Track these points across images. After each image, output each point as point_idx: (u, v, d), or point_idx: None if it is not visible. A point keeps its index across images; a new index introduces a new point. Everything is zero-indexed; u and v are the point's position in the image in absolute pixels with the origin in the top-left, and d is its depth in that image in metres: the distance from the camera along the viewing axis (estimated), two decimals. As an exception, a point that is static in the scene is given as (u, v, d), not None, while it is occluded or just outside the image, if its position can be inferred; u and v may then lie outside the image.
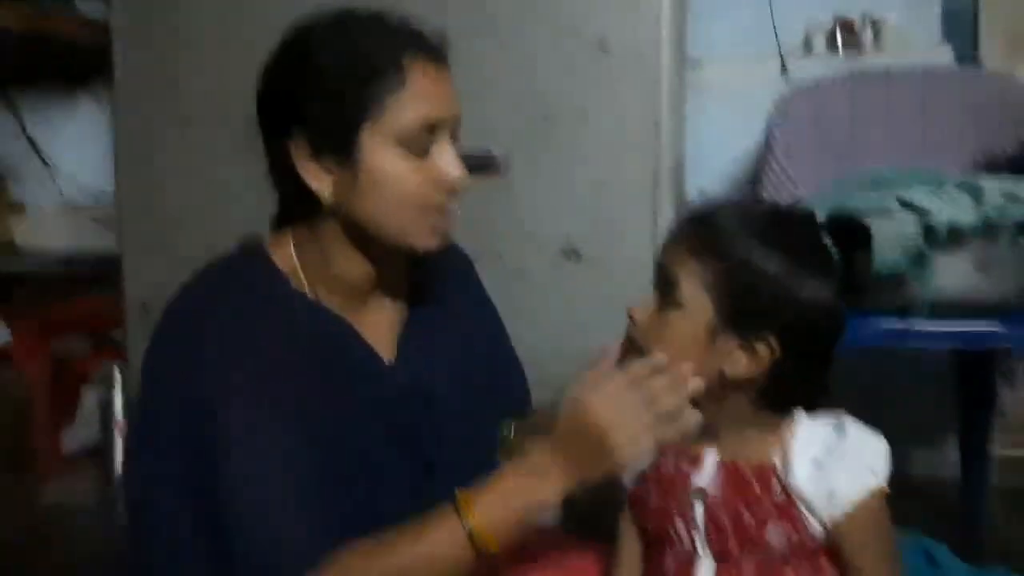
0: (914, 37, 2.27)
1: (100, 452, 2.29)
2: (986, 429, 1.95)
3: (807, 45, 2.34)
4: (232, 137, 1.78)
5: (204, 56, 1.80)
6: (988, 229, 1.30)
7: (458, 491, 0.87)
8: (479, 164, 1.65)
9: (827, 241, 0.92)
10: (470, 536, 0.85)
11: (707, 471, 0.92)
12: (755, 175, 1.99)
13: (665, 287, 0.91)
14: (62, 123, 2.68)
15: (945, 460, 2.19)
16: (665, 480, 0.95)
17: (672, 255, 0.91)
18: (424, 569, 0.86)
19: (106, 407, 2.22)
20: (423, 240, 0.95)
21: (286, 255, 0.97)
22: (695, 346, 0.88)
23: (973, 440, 1.98)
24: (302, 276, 0.97)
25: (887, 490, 0.88)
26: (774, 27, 2.30)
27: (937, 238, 1.30)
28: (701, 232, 0.90)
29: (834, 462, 0.88)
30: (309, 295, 0.97)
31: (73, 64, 2.51)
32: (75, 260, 2.51)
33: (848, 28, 2.27)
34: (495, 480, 0.88)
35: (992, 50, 2.27)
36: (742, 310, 0.87)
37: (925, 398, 2.22)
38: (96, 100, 2.69)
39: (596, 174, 1.63)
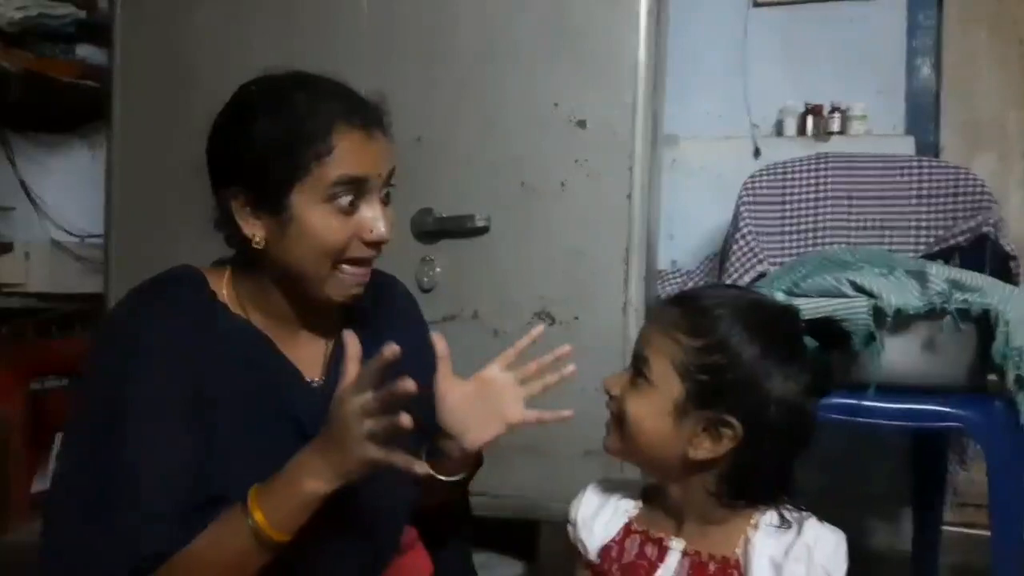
0: (879, 125, 2.40)
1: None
2: (938, 505, 2.01)
3: (779, 128, 2.47)
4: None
5: (201, 105, 1.85)
6: (933, 313, 1.39)
7: (251, 489, 0.94)
8: (462, 227, 1.74)
9: (806, 342, 0.94)
10: (254, 531, 0.92)
11: (671, 563, 0.94)
12: (723, 249, 2.08)
13: (638, 363, 0.95)
14: (54, 164, 2.74)
15: (902, 533, 2.24)
16: (629, 568, 0.97)
17: (648, 333, 0.96)
18: (218, 565, 0.94)
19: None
20: (336, 292, 1.05)
21: (220, 281, 1.08)
22: (662, 423, 0.92)
23: (925, 515, 2.04)
24: (232, 298, 1.07)
25: None
26: (748, 110, 2.43)
27: (884, 320, 1.38)
28: (681, 311, 0.94)
29: (791, 564, 0.89)
30: (236, 313, 1.07)
31: (68, 107, 2.58)
32: (59, 299, 2.53)
33: (818, 114, 2.40)
34: (277, 477, 0.95)
35: (953, 141, 2.40)
36: (710, 390, 0.90)
37: (885, 473, 2.27)
38: (88, 144, 2.76)
39: (571, 242, 1.71)
